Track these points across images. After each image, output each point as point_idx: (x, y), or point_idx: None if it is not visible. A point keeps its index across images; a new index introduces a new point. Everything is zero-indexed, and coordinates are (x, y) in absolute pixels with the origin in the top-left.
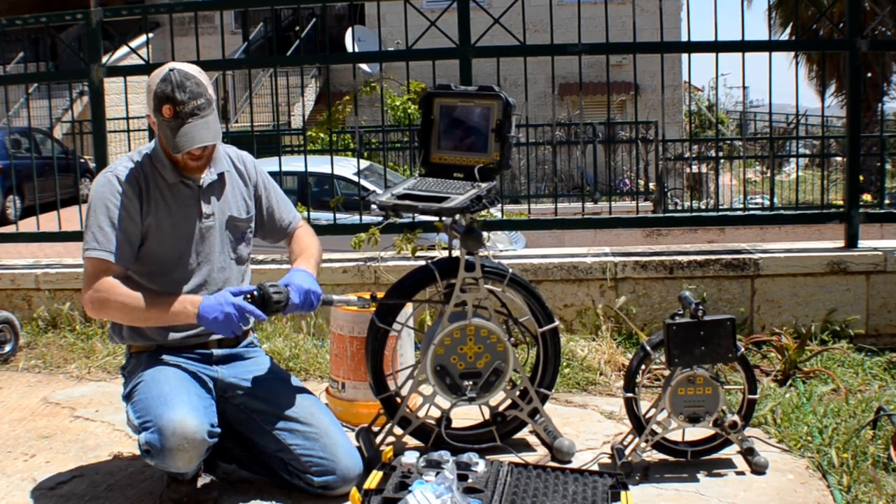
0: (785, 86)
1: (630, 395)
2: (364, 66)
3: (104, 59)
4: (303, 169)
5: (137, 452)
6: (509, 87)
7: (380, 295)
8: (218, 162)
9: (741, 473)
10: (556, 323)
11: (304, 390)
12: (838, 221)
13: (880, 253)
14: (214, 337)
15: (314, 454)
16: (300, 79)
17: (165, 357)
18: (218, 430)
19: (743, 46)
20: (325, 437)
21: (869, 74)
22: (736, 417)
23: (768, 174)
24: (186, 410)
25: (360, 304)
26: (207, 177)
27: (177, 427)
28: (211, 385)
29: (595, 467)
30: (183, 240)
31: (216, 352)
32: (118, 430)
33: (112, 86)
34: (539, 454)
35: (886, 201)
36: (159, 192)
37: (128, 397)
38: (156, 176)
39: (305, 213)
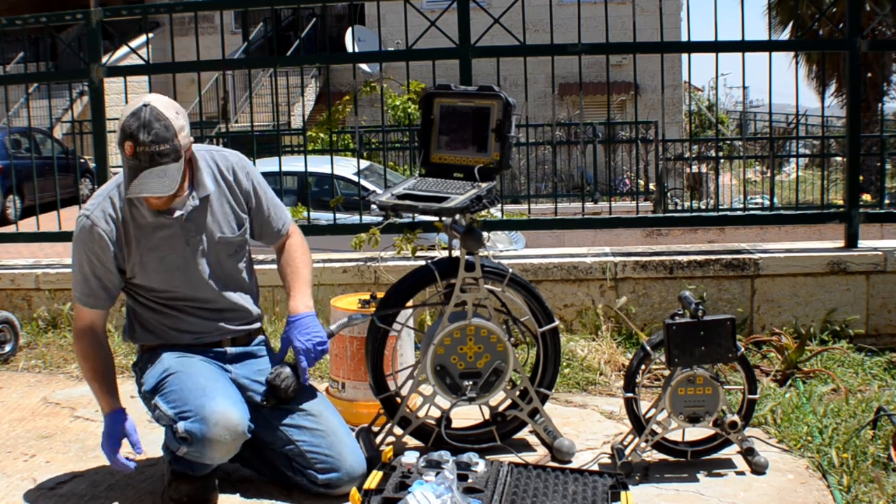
0: (785, 86)
1: (630, 395)
2: (364, 66)
3: (104, 59)
4: (303, 169)
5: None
6: (509, 87)
7: (380, 295)
8: (202, 185)
9: (741, 473)
10: (556, 323)
11: (312, 390)
12: (838, 221)
13: (880, 253)
14: (227, 337)
15: (320, 451)
16: (300, 79)
17: (182, 351)
18: (252, 425)
19: (743, 46)
20: (332, 436)
21: (869, 74)
22: (736, 417)
23: (768, 174)
24: (229, 403)
25: (357, 321)
26: (190, 203)
27: (220, 418)
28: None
29: (595, 467)
30: (173, 269)
31: (230, 350)
32: None
33: (112, 86)
34: (539, 454)
35: (886, 201)
36: (139, 229)
37: (155, 390)
38: (133, 213)
39: (305, 213)
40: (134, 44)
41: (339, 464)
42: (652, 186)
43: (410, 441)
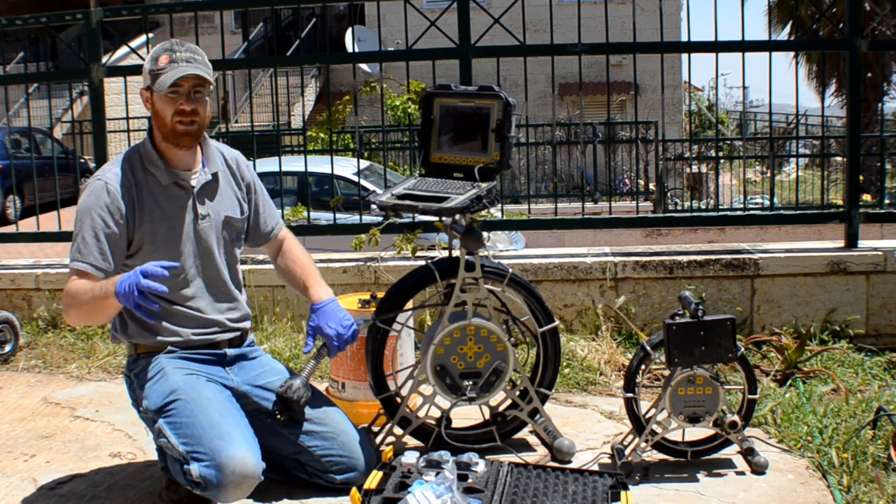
0: (785, 86)
1: (630, 395)
2: (364, 66)
3: (104, 59)
4: (303, 169)
5: (136, 452)
6: (509, 87)
7: (380, 295)
8: (212, 161)
9: (741, 473)
10: (556, 323)
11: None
12: (838, 221)
13: (880, 253)
14: (224, 336)
15: (333, 453)
16: (300, 79)
17: (184, 363)
18: (265, 464)
19: (743, 46)
20: (342, 435)
21: (869, 74)
22: (736, 417)
23: (768, 174)
24: (245, 447)
25: (360, 327)
26: (202, 176)
27: (237, 466)
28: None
29: (595, 467)
30: (180, 242)
31: (229, 352)
32: (118, 430)
33: (112, 86)
34: (539, 454)
35: (886, 201)
36: (153, 196)
37: (160, 411)
38: (148, 179)
39: (305, 213)
40: (134, 44)
41: (355, 462)
42: (652, 186)
43: (410, 441)
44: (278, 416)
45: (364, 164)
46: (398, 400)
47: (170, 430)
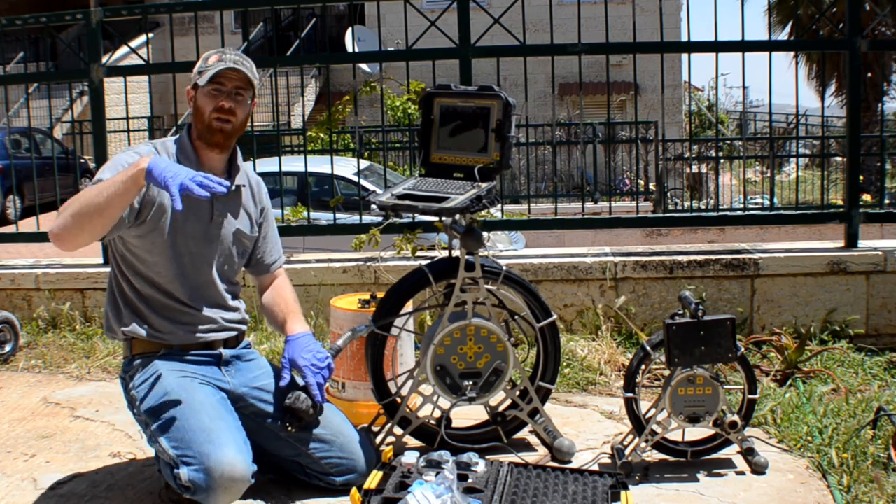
0: (785, 86)
1: (630, 395)
2: (364, 66)
3: (104, 59)
4: (303, 169)
5: (136, 452)
6: (509, 87)
7: (380, 295)
8: (239, 175)
9: (741, 473)
10: (554, 317)
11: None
12: (838, 221)
13: (880, 253)
14: (219, 336)
15: (333, 455)
16: (300, 79)
17: (179, 365)
18: (255, 467)
19: (743, 46)
20: (341, 436)
21: (869, 74)
22: (736, 417)
23: (768, 174)
24: (234, 451)
25: (361, 332)
26: (225, 183)
27: (225, 470)
28: (228, 399)
29: (595, 467)
30: (190, 236)
31: (224, 352)
32: (118, 430)
33: (112, 86)
34: (539, 454)
35: (886, 201)
36: None
37: (153, 413)
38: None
39: (305, 213)
40: (134, 44)
41: (355, 464)
42: (652, 186)
43: (410, 441)
44: (290, 429)
45: (364, 164)
46: (398, 400)
47: (161, 433)
